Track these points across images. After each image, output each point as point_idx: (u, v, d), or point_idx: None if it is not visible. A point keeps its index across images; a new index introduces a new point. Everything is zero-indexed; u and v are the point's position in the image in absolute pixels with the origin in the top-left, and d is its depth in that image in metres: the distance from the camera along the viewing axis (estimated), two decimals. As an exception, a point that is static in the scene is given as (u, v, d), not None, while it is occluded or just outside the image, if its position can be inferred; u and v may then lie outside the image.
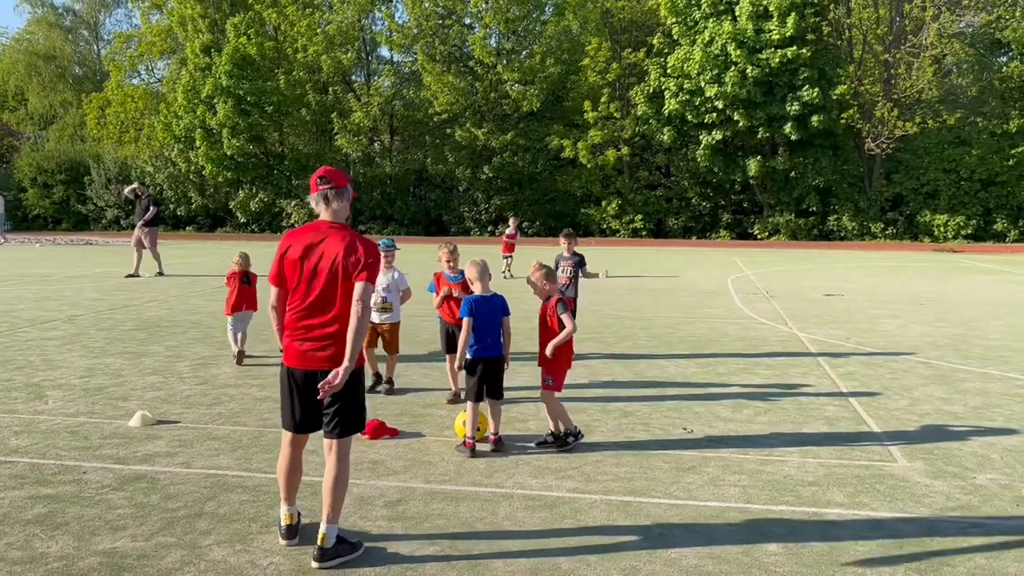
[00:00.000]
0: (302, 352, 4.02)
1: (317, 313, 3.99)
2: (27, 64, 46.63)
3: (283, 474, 4.20)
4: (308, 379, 4.02)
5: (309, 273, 3.99)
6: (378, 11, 35.33)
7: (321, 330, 3.98)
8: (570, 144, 31.49)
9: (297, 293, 4.03)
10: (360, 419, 4.15)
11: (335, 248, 3.95)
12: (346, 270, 3.92)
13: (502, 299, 5.83)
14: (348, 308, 3.93)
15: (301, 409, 4.09)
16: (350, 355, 3.86)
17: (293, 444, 4.20)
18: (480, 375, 5.64)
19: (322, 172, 4.12)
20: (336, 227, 4.06)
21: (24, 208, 37.39)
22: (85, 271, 18.16)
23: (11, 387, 7.30)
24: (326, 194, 4.07)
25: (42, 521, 4.36)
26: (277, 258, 4.11)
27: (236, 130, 32.67)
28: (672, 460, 5.51)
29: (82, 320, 11.12)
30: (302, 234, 4.08)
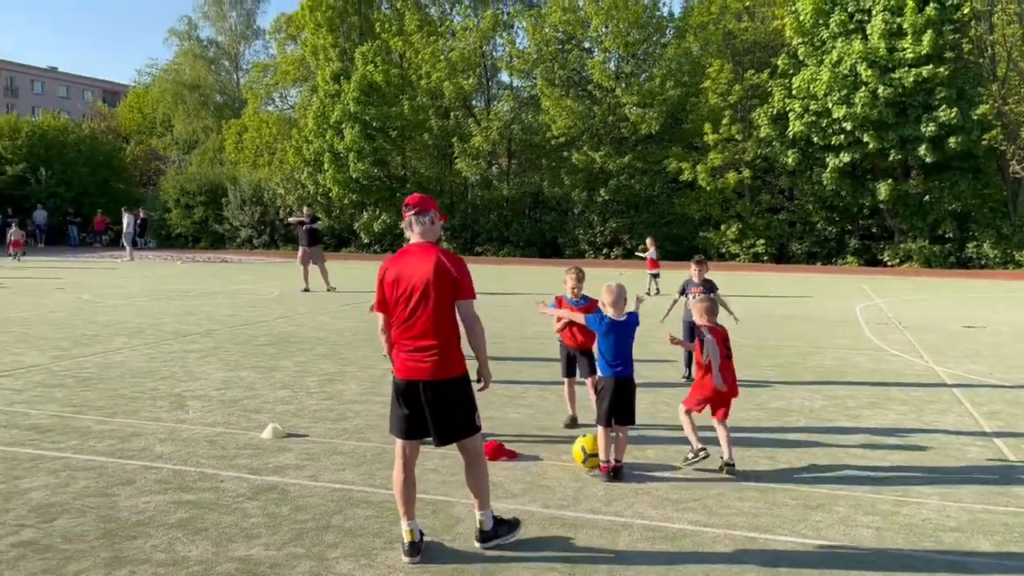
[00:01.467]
0: (406, 363, 4.35)
1: (415, 328, 4.31)
2: (174, 93, 49.99)
3: (398, 487, 4.37)
4: (410, 388, 4.33)
5: (406, 293, 4.32)
6: (499, 37, 36.02)
7: (418, 342, 4.30)
8: (689, 167, 31.05)
9: (398, 311, 4.37)
10: (473, 422, 4.45)
11: (425, 267, 4.28)
12: (438, 288, 4.26)
13: (635, 318, 5.83)
14: (444, 322, 4.31)
15: (408, 417, 4.36)
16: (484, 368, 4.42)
17: (405, 457, 4.41)
18: (612, 397, 5.61)
19: (408, 200, 4.52)
20: (424, 247, 4.41)
21: (168, 227, 39.94)
22: (221, 288, 19.21)
23: (156, 396, 7.79)
24: (411, 220, 4.47)
25: (184, 525, 4.62)
26: (378, 285, 4.47)
27: (362, 154, 33.91)
28: (799, 496, 5.30)
29: (219, 334, 11.75)
30: (396, 258, 4.45)
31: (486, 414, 7.26)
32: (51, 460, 5.74)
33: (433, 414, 4.31)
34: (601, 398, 5.70)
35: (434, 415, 4.31)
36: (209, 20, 52.13)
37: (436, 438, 4.36)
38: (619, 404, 5.65)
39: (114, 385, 8.22)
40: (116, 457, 5.84)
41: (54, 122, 43.43)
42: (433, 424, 4.33)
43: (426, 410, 4.31)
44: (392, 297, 4.38)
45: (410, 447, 4.43)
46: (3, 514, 4.72)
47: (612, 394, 5.63)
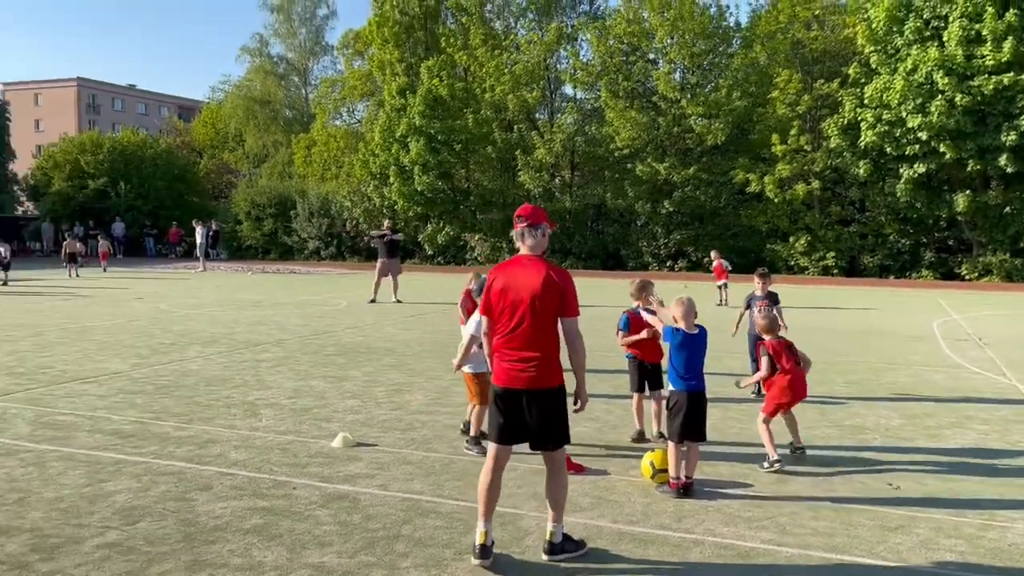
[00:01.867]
0: (507, 372, 4.43)
1: (518, 339, 4.40)
2: (246, 108, 51.47)
3: (484, 488, 4.45)
4: (509, 396, 4.42)
5: (511, 302, 4.42)
6: (563, 50, 36.10)
7: (520, 352, 4.39)
8: (756, 178, 30.56)
9: (502, 320, 4.47)
10: (567, 432, 4.53)
11: (532, 280, 4.37)
12: (544, 301, 4.35)
13: (705, 334, 5.80)
14: (546, 334, 4.39)
15: (505, 423, 4.45)
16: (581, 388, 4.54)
17: (496, 460, 4.50)
18: (685, 413, 5.56)
19: (520, 211, 4.61)
20: (533, 260, 4.50)
21: (239, 239, 41.04)
22: (290, 298, 19.64)
23: (230, 404, 7.99)
24: (523, 231, 4.56)
25: (259, 531, 4.72)
26: (486, 291, 4.58)
27: (426, 167, 34.32)
28: (876, 517, 5.14)
29: (289, 344, 12.01)
30: (505, 267, 4.55)
31: (553, 427, 7.26)
32: (133, 464, 5.94)
33: (535, 422, 4.41)
34: (674, 414, 5.64)
35: (536, 423, 4.42)
36: (280, 37, 53.61)
37: (540, 443, 4.47)
38: (692, 420, 5.60)
39: (190, 392, 8.47)
40: (194, 463, 6.01)
41: (133, 138, 45.13)
42: (536, 431, 4.44)
43: (527, 418, 4.42)
44: (497, 306, 4.49)
45: (503, 452, 4.53)
46: (89, 516, 4.90)
47: (686, 409, 5.59)
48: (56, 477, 5.62)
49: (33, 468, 5.81)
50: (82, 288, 21.79)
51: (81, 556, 4.32)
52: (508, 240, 35.50)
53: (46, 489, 5.37)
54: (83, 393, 8.37)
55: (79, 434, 6.75)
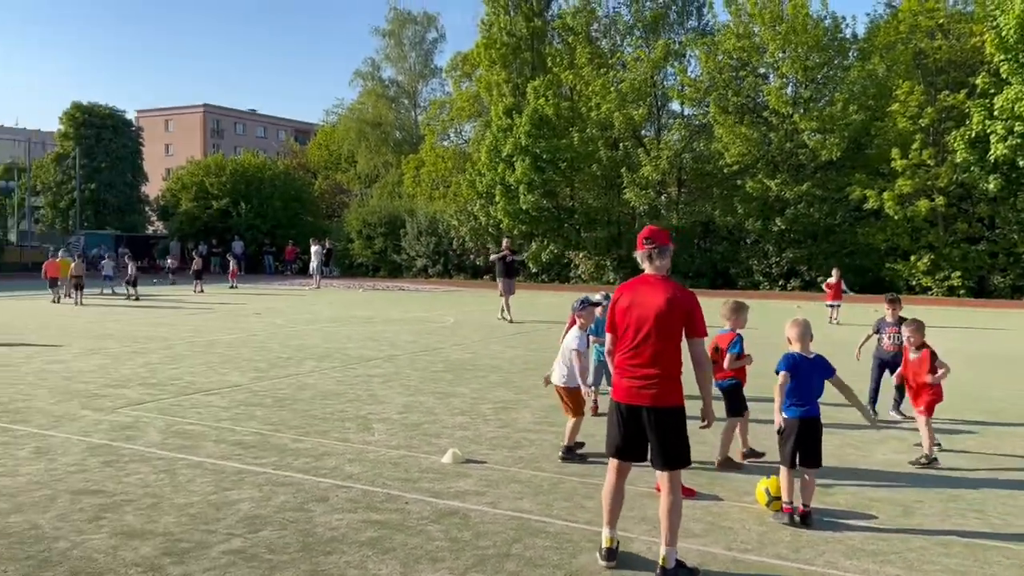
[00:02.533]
0: (629, 388, 4.52)
1: (641, 356, 4.49)
2: (358, 131, 53.28)
3: (608, 495, 4.63)
4: (631, 412, 4.51)
5: (636, 320, 4.51)
6: (671, 67, 35.77)
7: (643, 370, 4.48)
8: (874, 194, 29.33)
9: (626, 337, 4.56)
10: (685, 455, 4.54)
11: (658, 299, 4.46)
12: (670, 321, 4.45)
13: (823, 359, 5.59)
14: (670, 353, 4.47)
15: (624, 439, 4.55)
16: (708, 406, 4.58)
17: (617, 471, 4.64)
18: (795, 438, 5.38)
19: (647, 233, 4.67)
20: (659, 280, 4.58)
21: (350, 256, 42.38)
22: (399, 315, 20.10)
23: (344, 418, 8.23)
24: (650, 253, 4.62)
25: (373, 544, 4.82)
26: (611, 307, 4.69)
27: (532, 186, 34.58)
28: (1014, 556, 4.81)
29: (399, 360, 12.28)
30: (632, 285, 4.65)
31: (662, 449, 7.14)
32: (254, 475, 6.19)
33: (656, 440, 4.48)
34: (785, 439, 5.47)
35: (657, 441, 4.48)
36: (391, 61, 55.27)
37: (660, 462, 4.51)
38: (804, 446, 5.39)
39: (306, 406, 8.77)
40: (311, 475, 6.21)
41: (253, 160, 47.44)
42: (657, 449, 4.50)
43: (649, 435, 4.49)
44: (622, 323, 4.58)
45: (624, 466, 4.64)
46: (216, 523, 5.13)
47: (796, 435, 5.40)
48: (185, 484, 5.91)
49: (164, 475, 6.14)
50: (206, 303, 22.96)
51: (209, 561, 4.52)
52: (612, 258, 35.33)
53: (176, 495, 5.65)
54: (208, 404, 8.79)
55: (205, 443, 7.09)
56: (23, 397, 9.05)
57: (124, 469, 6.26)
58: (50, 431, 7.48)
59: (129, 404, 8.73)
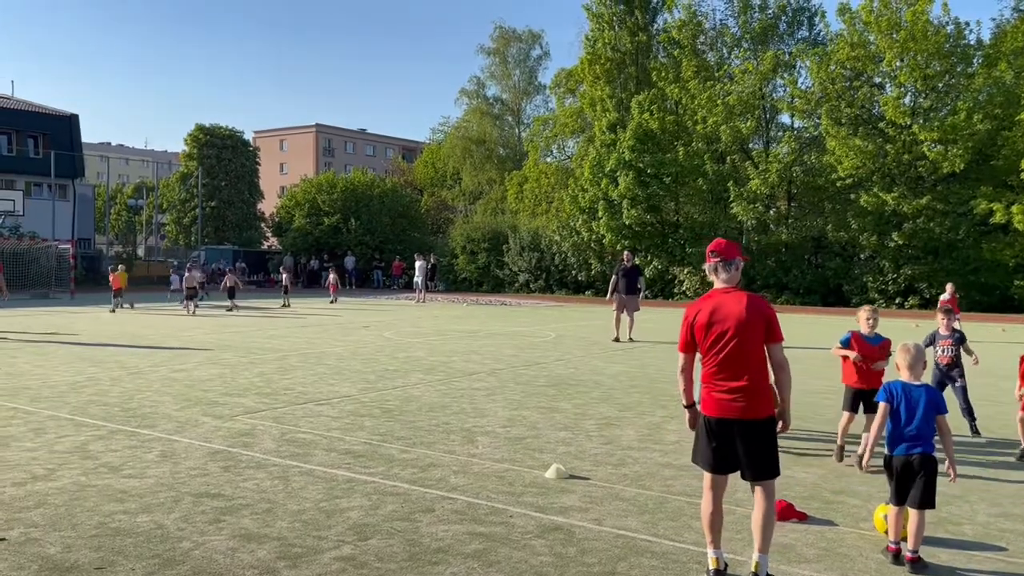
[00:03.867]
0: (718, 402, 4.50)
1: (728, 369, 4.48)
2: (463, 148, 54.27)
3: (707, 516, 4.57)
4: (722, 425, 4.48)
5: (717, 333, 4.49)
6: (780, 78, 34.90)
7: (732, 383, 4.46)
8: (1002, 208, 27.69)
9: (711, 353, 4.53)
10: (777, 465, 4.54)
11: (737, 309, 4.47)
12: (752, 330, 4.45)
13: (936, 393, 5.08)
14: (756, 362, 4.47)
15: (716, 452, 4.52)
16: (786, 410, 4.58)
17: (712, 486, 4.58)
18: (899, 477, 4.92)
19: (713, 246, 4.70)
20: (734, 291, 4.59)
21: (455, 271, 43.09)
22: (501, 329, 20.27)
23: (449, 430, 8.34)
24: (716, 266, 4.65)
25: (479, 557, 4.86)
26: (686, 326, 4.63)
27: (635, 201, 34.34)
28: None
29: (502, 374, 12.37)
30: (706, 301, 4.63)
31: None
32: (363, 484, 6.34)
33: (746, 451, 4.46)
34: (889, 476, 5.01)
35: (747, 452, 4.46)
36: (495, 79, 56.14)
37: (750, 473, 4.49)
38: (907, 485, 4.89)
39: (412, 417, 8.94)
40: (417, 485, 6.32)
41: (362, 178, 48.92)
42: (747, 460, 4.47)
43: (739, 447, 4.47)
44: (703, 339, 4.56)
45: (719, 480, 4.57)
46: (327, 529, 5.28)
47: (899, 474, 4.91)
48: (298, 491, 6.12)
49: (279, 481, 6.37)
50: (316, 316, 23.77)
51: (321, 567, 4.66)
52: (719, 274, 34.60)
53: (290, 501, 5.86)
54: (319, 414, 9.08)
55: (317, 452, 7.33)
56: (150, 404, 9.59)
57: (241, 474, 6.53)
58: (174, 436, 7.89)
59: (246, 412, 9.11)
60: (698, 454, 4.66)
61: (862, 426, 7.09)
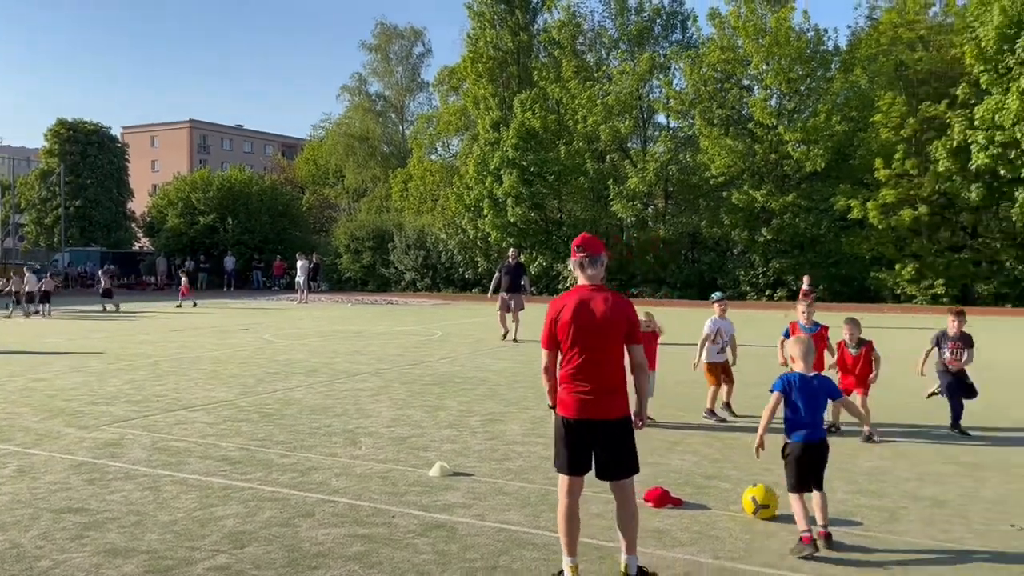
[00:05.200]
0: (577, 402, 4.41)
1: (589, 368, 4.39)
2: (345, 145, 53.32)
3: (564, 523, 4.41)
4: (581, 427, 4.41)
5: (581, 332, 4.40)
6: (656, 80, 36.01)
7: (592, 383, 4.39)
8: (858, 204, 29.55)
9: (573, 351, 4.43)
10: (636, 462, 4.56)
11: (602, 309, 4.40)
12: (615, 329, 4.40)
13: (828, 381, 5.37)
14: (617, 363, 4.42)
15: (575, 453, 4.43)
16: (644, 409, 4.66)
17: (569, 491, 4.46)
18: (798, 462, 5.12)
19: (578, 241, 4.58)
20: (599, 289, 4.51)
21: (339, 271, 42.31)
22: (387, 329, 20.07)
23: (331, 432, 8.20)
24: (582, 262, 4.52)
25: (360, 559, 4.80)
26: (550, 323, 4.51)
27: (519, 199, 34.69)
28: (997, 559, 4.84)
29: (387, 374, 12.26)
30: (570, 298, 4.51)
31: (650, 460, 7.16)
32: (240, 490, 6.15)
33: (603, 451, 4.43)
34: (788, 464, 5.18)
35: (604, 452, 4.44)
36: (378, 76, 55.40)
37: (608, 474, 4.47)
38: (809, 470, 5.14)
39: (293, 421, 8.73)
40: (297, 489, 6.18)
41: (240, 175, 47.27)
42: (603, 460, 4.45)
43: (596, 448, 4.43)
44: (566, 337, 4.45)
45: (576, 484, 4.49)
46: (200, 539, 5.09)
47: (799, 459, 5.11)
48: (170, 501, 5.87)
49: (149, 492, 6.09)
50: (192, 319, 22.84)
51: (193, 578, 4.49)
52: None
53: (161, 512, 5.61)
54: (194, 420, 8.74)
55: (190, 460, 7.05)
56: (5, 416, 8.98)
57: (108, 487, 6.21)
58: (33, 449, 7.42)
59: (114, 421, 8.67)
60: (558, 458, 4.52)
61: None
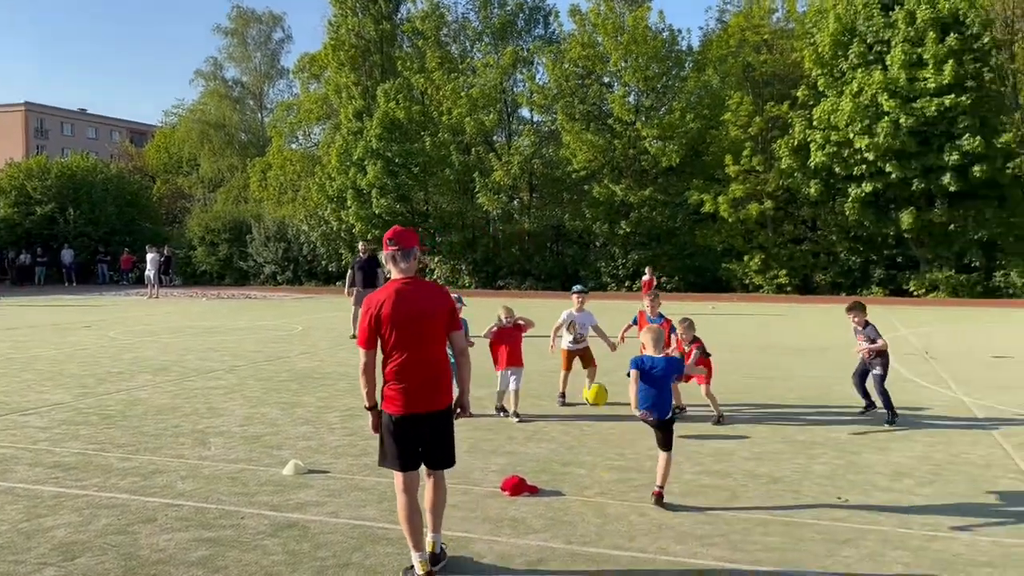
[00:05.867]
0: (404, 396, 4.38)
1: (413, 361, 4.37)
2: (200, 132, 50.90)
3: (407, 519, 4.43)
4: (408, 421, 4.40)
5: (401, 327, 4.36)
6: (519, 74, 36.40)
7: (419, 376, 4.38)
8: (710, 199, 31.03)
9: (396, 346, 4.38)
10: (453, 453, 4.68)
11: (424, 301, 4.42)
12: (438, 320, 4.44)
13: (676, 361, 6.03)
14: (440, 354, 4.48)
15: (405, 449, 4.43)
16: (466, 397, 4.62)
17: (407, 487, 4.46)
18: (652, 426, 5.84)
19: (390, 234, 4.54)
20: (417, 281, 4.53)
21: (193, 264, 40.43)
22: (245, 324, 19.36)
23: (179, 433, 7.82)
24: (394, 255, 4.49)
25: (204, 564, 4.61)
26: (369, 320, 4.41)
27: (384, 190, 34.26)
28: (825, 531, 5.20)
29: (242, 371, 11.82)
30: (386, 293, 4.44)
31: (507, 449, 7.25)
32: (74, 498, 5.77)
33: (431, 442, 4.49)
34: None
35: (432, 443, 4.49)
36: (234, 61, 53.20)
37: (432, 463, 4.55)
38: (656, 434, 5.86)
39: (137, 423, 8.28)
40: (138, 495, 5.86)
41: (83, 163, 44.25)
42: (431, 451, 4.51)
43: (423, 439, 4.47)
44: (388, 333, 4.39)
45: (412, 479, 4.50)
46: (26, 552, 4.74)
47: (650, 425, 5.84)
48: (-7, 512, 5.43)
49: (-31, 504, 5.61)
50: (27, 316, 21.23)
51: (16, 594, 4.17)
52: (467, 262, 35.56)
53: (-18, 525, 5.18)
54: (24, 425, 8.13)
55: (18, 467, 6.55)
56: None
57: (-80, 500, 5.68)
58: None
59: (-69, 429, 7.93)
60: (387, 456, 4.48)
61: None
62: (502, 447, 7.35)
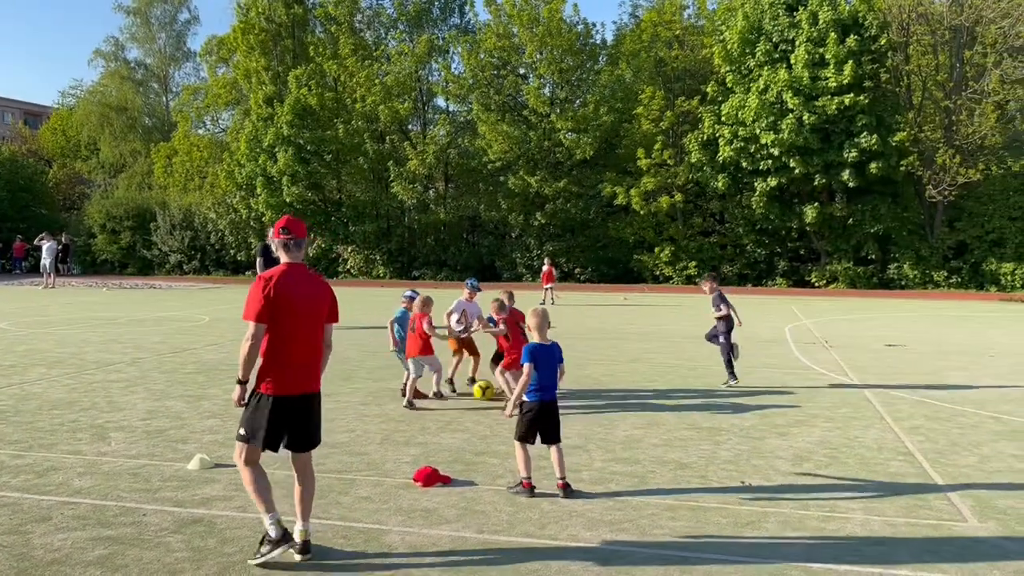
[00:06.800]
0: (287, 378, 4.50)
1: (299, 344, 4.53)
2: (100, 115, 48.69)
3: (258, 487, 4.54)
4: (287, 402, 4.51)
5: (294, 311, 4.50)
6: (435, 62, 36.17)
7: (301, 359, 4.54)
8: (623, 191, 31.57)
9: (285, 328, 4.48)
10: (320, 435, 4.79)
11: (313, 289, 4.61)
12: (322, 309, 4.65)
13: (557, 348, 5.95)
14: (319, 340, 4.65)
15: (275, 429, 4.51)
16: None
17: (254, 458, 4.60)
18: (535, 419, 5.73)
19: (284, 223, 4.68)
20: (304, 270, 4.67)
21: (93, 253, 38.75)
22: (148, 315, 18.68)
23: (76, 428, 7.49)
24: (287, 243, 4.63)
25: (103, 563, 4.43)
26: (263, 296, 4.45)
27: (296, 178, 33.56)
28: (730, 515, 5.37)
29: (145, 363, 11.40)
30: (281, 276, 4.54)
31: (420, 440, 7.22)
32: (-40, 498, 5.46)
33: (297, 425, 4.57)
34: (524, 419, 5.77)
35: (298, 425, 4.58)
36: (137, 41, 51.14)
37: (304, 446, 4.65)
38: (544, 426, 5.76)
39: (31, 418, 7.89)
40: (32, 493, 5.59)
41: (-29, 145, 41.83)
42: (299, 433, 4.60)
43: (297, 421, 4.55)
44: (281, 314, 4.48)
45: (257, 451, 4.57)
46: (-95, 557, 4.46)
47: (536, 417, 5.72)
48: None
49: None
50: (-90, 307, 19.95)
51: None
52: (382, 252, 35.17)
53: None
54: (-95, 422, 7.64)
55: (-102, 467, 6.15)
56: None
57: None
58: None
59: None
60: (253, 434, 4.48)
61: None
62: (415, 438, 7.31)
